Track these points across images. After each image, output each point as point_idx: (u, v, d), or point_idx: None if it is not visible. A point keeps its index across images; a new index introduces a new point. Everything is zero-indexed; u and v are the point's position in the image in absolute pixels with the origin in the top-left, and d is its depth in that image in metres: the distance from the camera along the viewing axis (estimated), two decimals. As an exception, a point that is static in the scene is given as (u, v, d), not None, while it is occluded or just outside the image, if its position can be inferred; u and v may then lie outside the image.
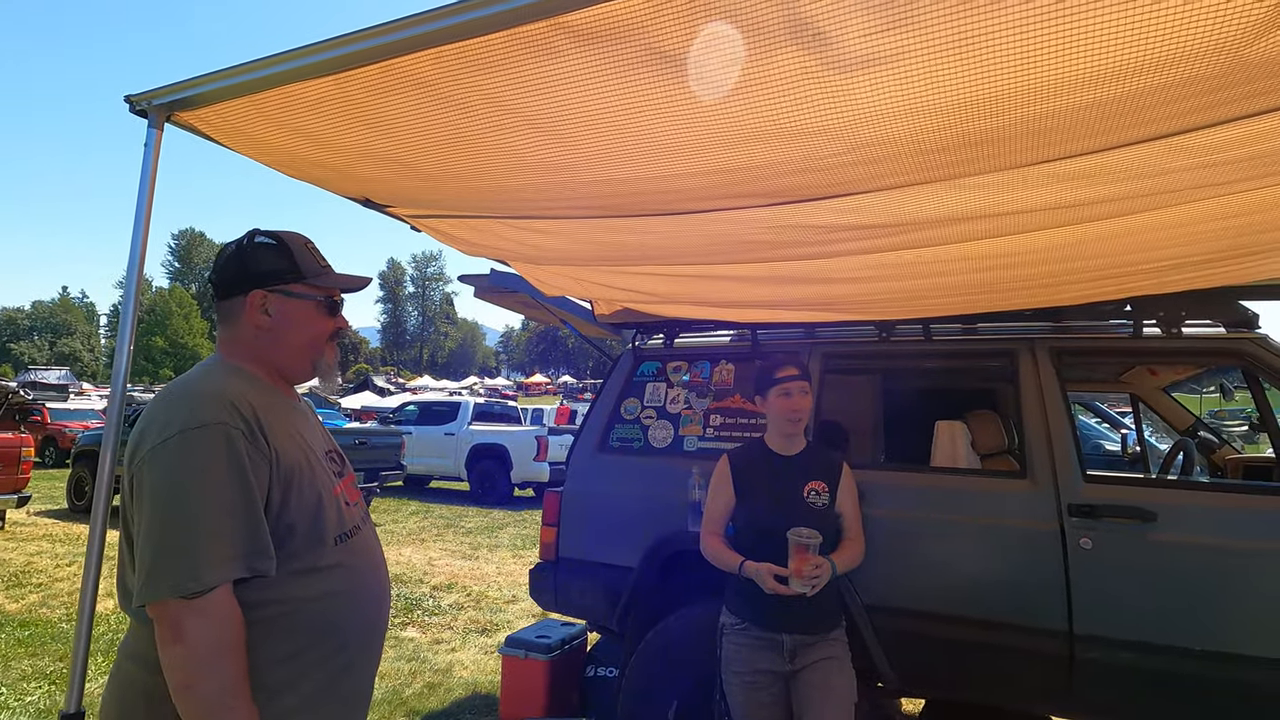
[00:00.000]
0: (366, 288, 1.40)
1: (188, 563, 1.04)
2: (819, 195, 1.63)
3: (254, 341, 1.28)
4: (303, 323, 1.30)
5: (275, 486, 1.15)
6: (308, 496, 1.19)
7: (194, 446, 1.09)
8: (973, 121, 1.21)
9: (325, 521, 1.21)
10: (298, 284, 1.29)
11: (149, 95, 1.48)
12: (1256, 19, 0.90)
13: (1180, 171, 1.40)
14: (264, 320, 1.27)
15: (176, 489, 1.08)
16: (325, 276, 1.32)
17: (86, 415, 16.76)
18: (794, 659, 2.06)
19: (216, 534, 1.06)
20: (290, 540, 1.16)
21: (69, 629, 4.69)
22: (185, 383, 1.21)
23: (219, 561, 1.05)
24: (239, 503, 1.09)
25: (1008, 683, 2.36)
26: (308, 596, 1.17)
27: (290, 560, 1.16)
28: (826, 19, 0.99)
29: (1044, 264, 2.13)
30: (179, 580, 1.03)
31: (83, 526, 8.21)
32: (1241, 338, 2.44)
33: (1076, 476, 2.38)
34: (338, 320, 1.35)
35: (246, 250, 1.28)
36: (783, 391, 2.14)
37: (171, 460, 1.08)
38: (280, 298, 1.27)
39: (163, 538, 1.06)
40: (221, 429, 1.10)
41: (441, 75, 1.23)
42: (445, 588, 6.04)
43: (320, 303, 1.31)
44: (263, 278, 1.27)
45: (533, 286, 2.95)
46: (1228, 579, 2.14)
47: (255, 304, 1.26)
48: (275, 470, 1.15)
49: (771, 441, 2.23)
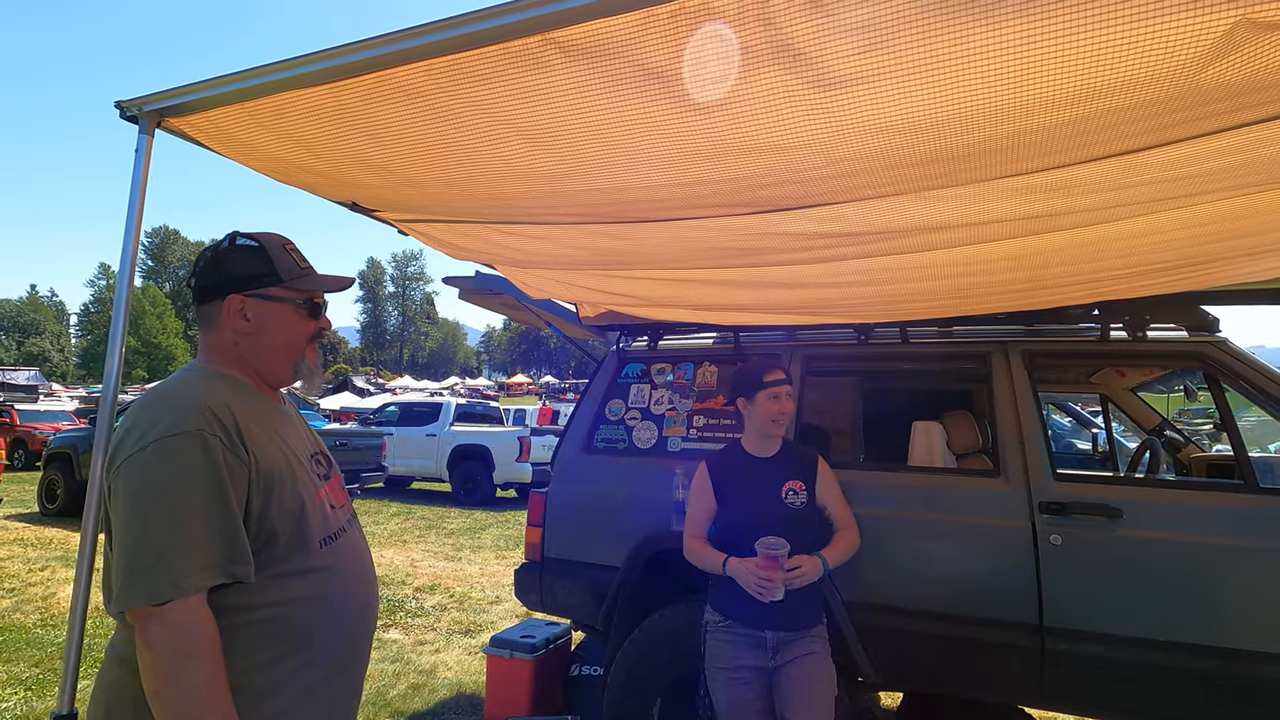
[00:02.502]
0: (349, 288, 1.39)
1: (164, 570, 1.04)
2: (799, 205, 1.68)
3: (234, 346, 1.27)
4: (282, 327, 1.29)
5: (255, 493, 1.15)
6: (290, 501, 1.19)
7: (171, 453, 1.09)
8: (944, 138, 1.27)
9: (309, 525, 1.21)
10: (276, 287, 1.28)
11: (141, 101, 1.50)
12: (1204, 49, 0.97)
13: (1140, 186, 1.48)
14: (243, 325, 1.26)
15: (152, 496, 1.07)
16: (305, 279, 1.31)
17: (57, 417, 16.40)
18: (776, 655, 2.11)
19: (192, 541, 1.06)
20: (274, 545, 1.16)
21: (43, 634, 4.61)
22: (165, 389, 1.20)
23: (195, 569, 1.05)
24: (216, 509, 1.09)
25: (982, 675, 2.43)
26: (292, 600, 1.17)
27: (274, 564, 1.16)
28: (807, 41, 1.05)
29: (1015, 271, 2.21)
30: (154, 587, 1.03)
31: (55, 530, 8.05)
32: (1202, 341, 2.54)
33: (1047, 475, 2.46)
34: (320, 322, 1.35)
35: (223, 254, 1.28)
36: (772, 395, 2.18)
37: (148, 467, 1.08)
38: (258, 302, 1.26)
39: (138, 544, 1.06)
40: (199, 436, 1.10)
41: (434, 86, 1.27)
42: (428, 589, 6.03)
43: (299, 305, 1.30)
44: (240, 282, 1.26)
45: (518, 289, 2.98)
46: (1189, 573, 2.23)
47: (233, 309, 1.25)
48: (255, 476, 1.15)
49: (749, 444, 2.27)
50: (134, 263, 1.54)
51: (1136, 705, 2.25)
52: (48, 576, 6.04)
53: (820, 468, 2.26)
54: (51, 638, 4.56)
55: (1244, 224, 1.77)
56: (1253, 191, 1.56)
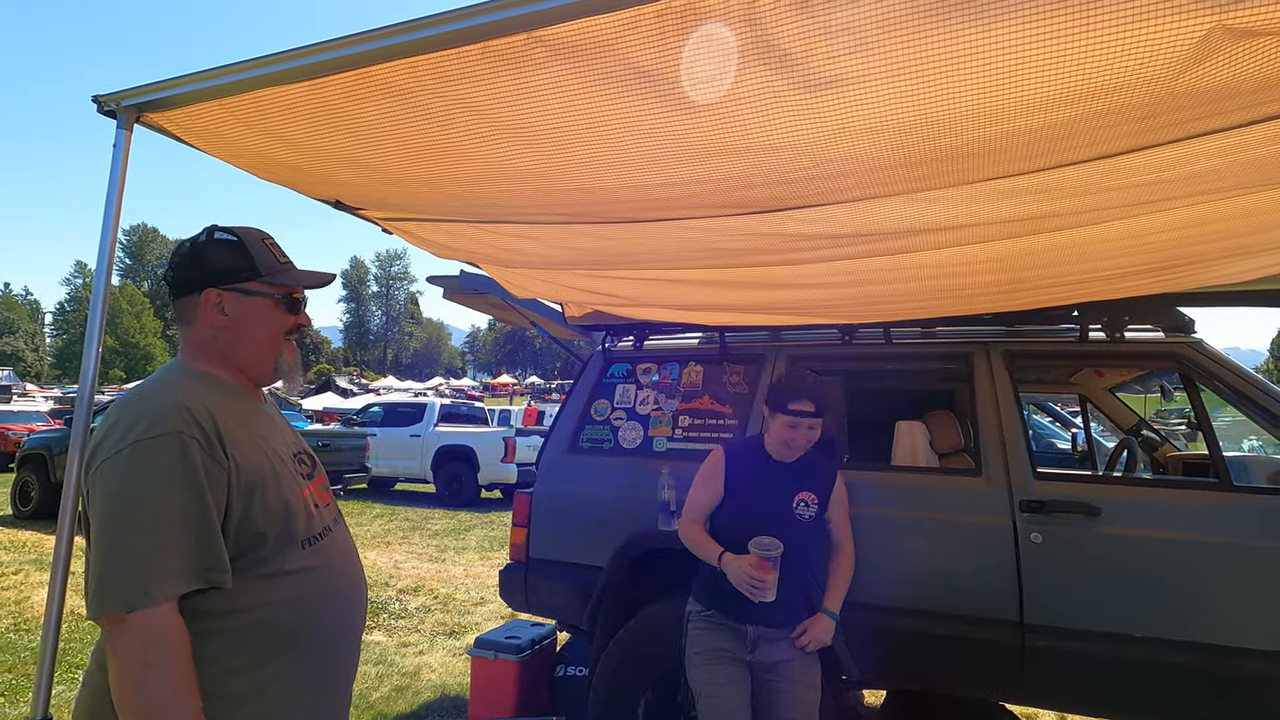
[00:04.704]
0: (330, 284, 1.37)
1: (138, 576, 1.02)
2: (786, 206, 1.69)
3: (213, 343, 1.25)
4: (260, 321, 1.27)
5: (236, 496, 1.13)
6: (274, 502, 1.18)
7: (148, 456, 1.07)
8: (930, 141, 1.29)
9: (294, 526, 1.20)
10: (254, 282, 1.26)
11: (118, 96, 1.47)
12: (1180, 55, 0.99)
13: (1120, 189, 1.50)
14: (220, 319, 1.24)
15: (128, 500, 1.05)
16: (285, 273, 1.29)
17: (31, 418, 16.07)
18: (755, 650, 2.11)
19: (168, 547, 1.04)
20: (260, 546, 1.15)
21: (17, 639, 4.52)
22: (144, 389, 1.18)
23: (168, 576, 1.04)
24: (193, 514, 1.07)
25: (964, 672, 2.46)
26: (278, 601, 1.16)
27: (259, 565, 1.15)
28: (793, 42, 1.05)
29: (997, 272, 2.23)
30: (126, 594, 1.02)
31: (29, 533, 7.89)
32: (1178, 342, 2.58)
33: (1028, 474, 2.50)
34: (300, 318, 1.33)
35: (201, 248, 1.26)
36: (790, 423, 2.10)
37: (124, 470, 1.06)
38: (236, 296, 1.24)
39: (112, 549, 1.04)
40: (177, 439, 1.08)
41: (418, 84, 1.25)
42: (412, 591, 5.98)
43: (279, 301, 1.28)
44: (218, 276, 1.24)
45: (503, 288, 2.97)
46: (1165, 570, 2.27)
47: (210, 303, 1.23)
48: (235, 479, 1.13)
49: (770, 446, 2.21)
50: (111, 261, 1.52)
51: (1114, 700, 2.28)
52: (21, 580, 5.92)
53: (837, 485, 2.24)
54: (25, 643, 4.47)
55: (1220, 227, 1.81)
56: (1228, 196, 1.59)
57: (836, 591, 2.20)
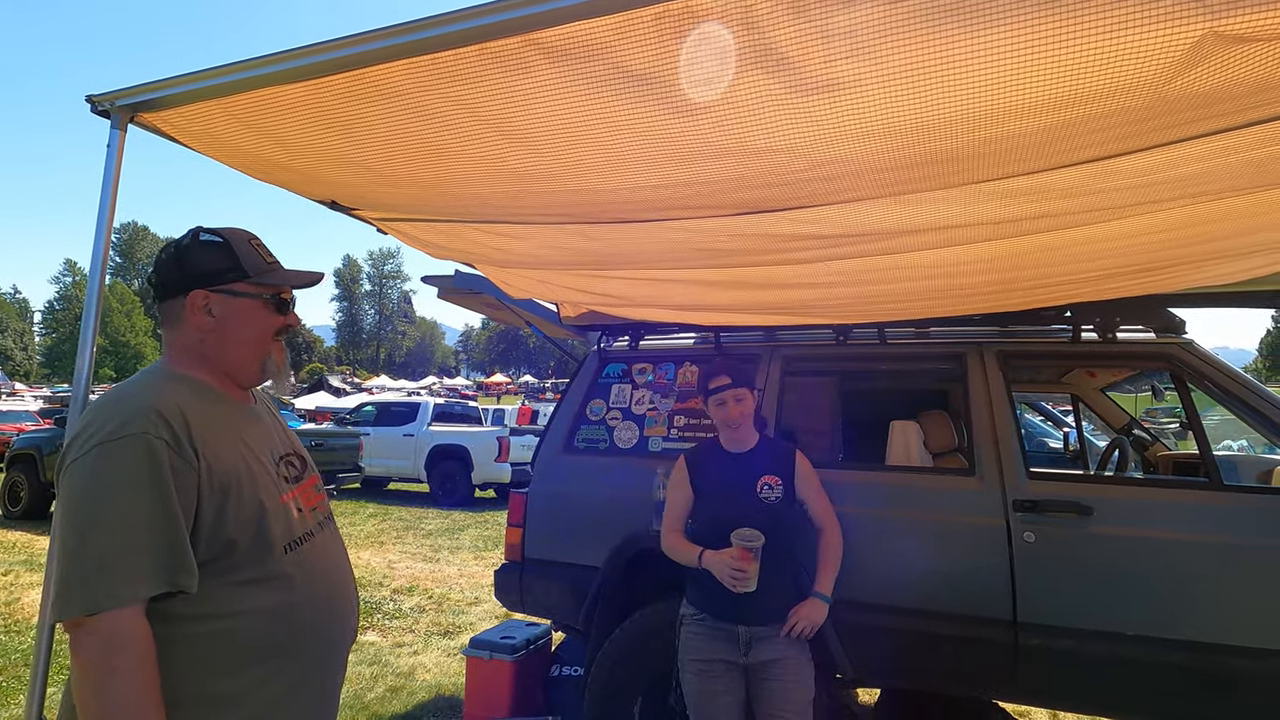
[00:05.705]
0: (319, 284, 1.35)
1: (103, 577, 1.00)
2: (781, 207, 1.70)
3: (199, 344, 1.23)
4: (248, 323, 1.25)
5: (208, 499, 1.11)
6: (248, 506, 1.15)
7: (113, 457, 1.05)
8: (924, 143, 1.29)
9: (270, 531, 1.17)
10: (241, 282, 1.24)
11: (112, 96, 1.46)
12: (1172, 61, 1.00)
13: (1111, 191, 1.51)
14: (207, 321, 1.22)
15: (93, 501, 1.04)
16: (272, 273, 1.27)
17: (20, 417, 15.93)
18: (749, 651, 2.12)
19: (134, 547, 1.02)
20: (232, 553, 1.13)
21: (6, 641, 4.49)
22: (119, 391, 1.17)
23: (132, 578, 1.02)
24: (158, 516, 1.05)
25: (957, 671, 2.47)
26: (253, 609, 1.14)
27: (232, 572, 1.13)
28: (789, 46, 1.05)
29: (991, 273, 2.25)
30: (88, 597, 1.00)
31: (18, 534, 7.83)
32: (1169, 343, 2.61)
33: (1021, 473, 2.51)
34: (288, 318, 1.31)
35: (186, 249, 1.24)
36: (717, 401, 2.23)
37: (90, 471, 1.05)
38: (223, 297, 1.23)
39: (76, 551, 1.02)
40: (143, 439, 1.06)
41: (415, 85, 1.25)
42: (406, 591, 5.97)
43: (266, 301, 1.27)
44: (204, 278, 1.22)
45: (498, 288, 2.97)
46: (1157, 569, 2.29)
47: (197, 305, 1.21)
48: (206, 481, 1.11)
49: (723, 441, 2.31)
50: (105, 263, 1.51)
51: (1106, 698, 2.30)
52: (11, 581, 5.88)
53: (799, 462, 2.28)
54: (15, 644, 4.44)
55: (1209, 229, 1.83)
56: (1214, 198, 1.60)
57: (826, 572, 2.21)
